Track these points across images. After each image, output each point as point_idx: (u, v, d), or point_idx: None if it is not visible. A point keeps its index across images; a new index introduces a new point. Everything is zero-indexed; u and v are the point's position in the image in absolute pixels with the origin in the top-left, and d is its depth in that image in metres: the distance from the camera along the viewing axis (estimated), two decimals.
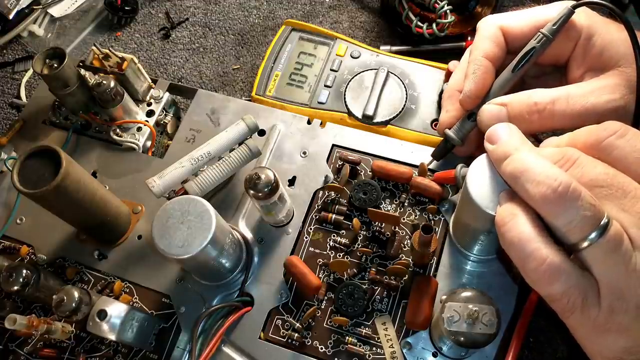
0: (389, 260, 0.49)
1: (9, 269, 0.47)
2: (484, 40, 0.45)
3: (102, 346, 0.49)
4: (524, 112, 0.42)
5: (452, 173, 0.48)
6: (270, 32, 0.77)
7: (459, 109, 0.48)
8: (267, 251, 0.51)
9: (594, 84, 0.42)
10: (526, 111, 0.42)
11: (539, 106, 0.41)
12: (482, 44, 0.45)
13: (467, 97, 0.46)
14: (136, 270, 0.52)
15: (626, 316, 0.29)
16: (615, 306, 0.29)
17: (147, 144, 0.59)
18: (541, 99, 0.41)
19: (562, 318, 0.32)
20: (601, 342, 0.31)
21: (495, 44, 0.45)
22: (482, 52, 0.45)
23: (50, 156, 0.45)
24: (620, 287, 0.29)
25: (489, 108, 0.44)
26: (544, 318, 0.54)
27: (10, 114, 0.77)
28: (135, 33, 0.80)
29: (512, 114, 0.42)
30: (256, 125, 0.53)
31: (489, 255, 0.47)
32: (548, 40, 0.43)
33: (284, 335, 0.48)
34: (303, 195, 0.53)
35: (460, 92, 0.47)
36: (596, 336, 0.31)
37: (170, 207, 0.43)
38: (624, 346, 0.30)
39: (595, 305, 0.30)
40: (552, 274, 0.30)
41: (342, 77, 0.62)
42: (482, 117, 0.44)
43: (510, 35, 0.45)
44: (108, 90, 0.55)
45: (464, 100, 0.46)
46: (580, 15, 0.43)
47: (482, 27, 0.46)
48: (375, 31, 0.75)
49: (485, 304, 0.38)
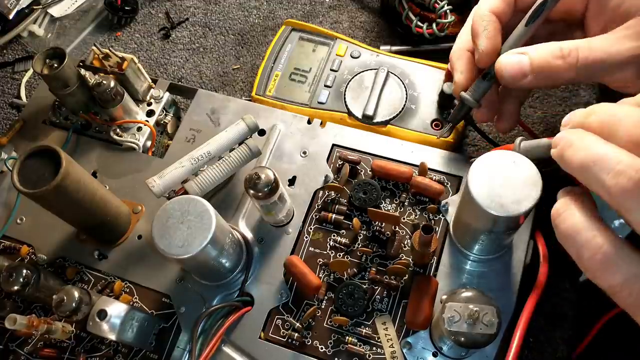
0: (389, 260, 0.49)
1: (9, 269, 0.47)
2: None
3: (102, 346, 0.49)
4: (548, 57, 0.39)
5: (512, 147, 0.44)
6: (270, 32, 0.77)
7: (472, 69, 0.46)
8: (267, 251, 0.51)
9: (615, 33, 0.39)
10: (551, 56, 0.39)
11: (564, 51, 0.39)
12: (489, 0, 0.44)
13: (483, 54, 0.43)
14: (136, 270, 0.52)
15: None
16: None
17: (147, 144, 0.59)
18: (565, 44, 0.39)
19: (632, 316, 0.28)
20: None
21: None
22: (490, 8, 0.43)
23: (50, 156, 0.45)
24: None
25: (508, 58, 0.41)
26: (544, 318, 0.54)
27: (10, 114, 0.77)
28: (135, 33, 0.80)
29: (535, 61, 0.40)
30: (256, 125, 0.53)
31: (489, 255, 0.47)
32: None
33: (284, 335, 0.48)
34: (303, 195, 0.53)
35: (469, 52, 0.45)
36: None
37: (170, 207, 0.43)
38: None
39: None
40: (608, 262, 0.27)
41: (342, 77, 0.62)
42: (502, 67, 0.41)
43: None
44: (108, 90, 0.55)
45: (480, 59, 0.44)
46: None
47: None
48: (375, 31, 0.75)
49: (485, 304, 0.38)
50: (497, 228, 0.40)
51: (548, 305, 0.54)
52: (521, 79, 0.41)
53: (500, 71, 0.41)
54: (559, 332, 0.53)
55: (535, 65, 0.40)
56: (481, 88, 0.46)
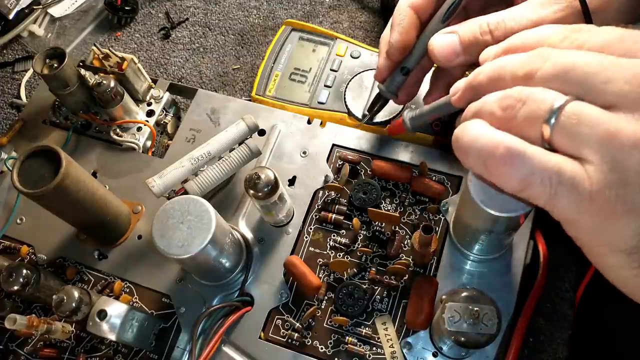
0: (389, 260, 0.49)
1: (9, 269, 0.47)
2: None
3: (102, 346, 0.49)
4: (476, 34, 0.39)
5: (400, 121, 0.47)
6: (270, 32, 0.77)
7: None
8: (267, 251, 0.51)
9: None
10: (479, 32, 0.39)
11: (491, 25, 0.39)
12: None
13: (393, 48, 0.45)
14: (136, 270, 0.52)
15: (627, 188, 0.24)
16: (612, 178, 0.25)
17: (147, 144, 0.59)
18: (491, 19, 0.39)
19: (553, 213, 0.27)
20: (610, 233, 0.26)
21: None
22: (409, 3, 0.44)
23: (50, 156, 0.45)
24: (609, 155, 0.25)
25: (439, 38, 0.41)
26: (544, 318, 0.54)
27: (10, 114, 0.77)
28: (135, 33, 0.80)
29: (464, 38, 0.40)
30: (256, 125, 0.53)
31: (489, 255, 0.47)
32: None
33: (284, 335, 0.48)
34: (303, 195, 0.53)
35: None
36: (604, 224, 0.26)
37: (170, 207, 0.43)
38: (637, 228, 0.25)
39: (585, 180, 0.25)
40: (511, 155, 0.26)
41: (342, 77, 0.62)
42: (434, 48, 0.41)
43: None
44: (108, 90, 0.55)
45: (390, 52, 0.45)
46: None
47: None
48: (375, 31, 0.75)
49: (485, 304, 0.38)
50: (497, 228, 0.40)
51: (548, 305, 0.54)
52: (454, 58, 0.41)
53: (433, 52, 0.41)
54: (559, 332, 0.53)
55: (465, 44, 0.40)
56: (397, 80, 0.47)
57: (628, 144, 0.24)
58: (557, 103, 0.26)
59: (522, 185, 0.27)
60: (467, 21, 0.41)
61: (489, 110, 0.29)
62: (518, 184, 0.27)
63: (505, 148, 0.27)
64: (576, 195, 0.25)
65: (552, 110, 0.26)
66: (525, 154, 0.26)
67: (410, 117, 0.45)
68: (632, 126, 0.24)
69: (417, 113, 0.44)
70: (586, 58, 0.26)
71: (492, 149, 0.27)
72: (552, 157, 0.26)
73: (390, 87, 0.48)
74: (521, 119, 0.27)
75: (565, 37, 0.29)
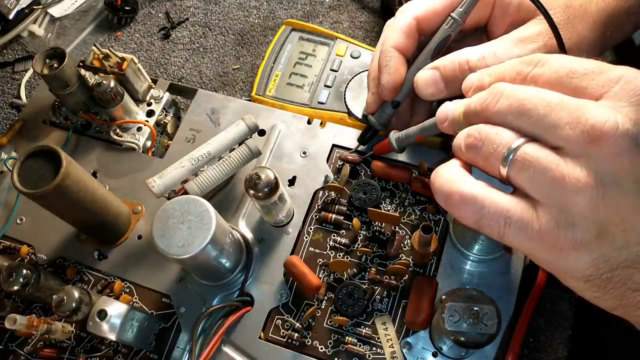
0: (389, 260, 0.49)
1: (9, 269, 0.47)
2: (395, 32, 0.46)
3: (102, 346, 0.49)
4: (456, 71, 0.42)
5: (387, 141, 0.49)
6: (270, 32, 0.77)
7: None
8: (267, 251, 0.51)
9: (517, 33, 0.42)
10: (458, 70, 0.42)
11: (470, 63, 0.42)
12: (394, 35, 0.46)
13: (385, 89, 0.47)
14: (136, 270, 0.52)
15: (575, 229, 0.27)
16: (559, 220, 0.27)
17: (147, 144, 0.59)
18: (471, 56, 0.42)
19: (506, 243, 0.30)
20: (565, 264, 0.29)
21: (407, 35, 0.46)
22: (393, 43, 0.46)
23: (50, 156, 0.45)
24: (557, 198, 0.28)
25: (423, 74, 0.44)
26: (544, 318, 0.54)
27: (10, 114, 0.77)
28: (135, 33, 0.80)
29: (445, 75, 0.43)
30: (256, 125, 0.53)
31: (489, 255, 0.47)
32: (459, 24, 0.44)
33: (284, 335, 0.48)
34: (303, 195, 0.53)
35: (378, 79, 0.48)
36: (557, 258, 0.29)
37: (170, 207, 0.43)
38: (588, 261, 0.28)
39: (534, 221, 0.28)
40: (464, 201, 0.30)
41: (342, 77, 0.62)
42: (418, 84, 0.44)
43: (424, 22, 0.46)
44: (108, 90, 0.55)
45: (382, 92, 0.47)
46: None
47: (397, 17, 0.47)
48: (375, 31, 0.75)
49: (485, 304, 0.38)
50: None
51: (548, 305, 0.54)
52: (439, 94, 0.44)
53: (419, 90, 0.45)
54: (559, 332, 0.53)
55: (446, 79, 0.43)
56: (387, 113, 0.50)
57: (573, 190, 0.27)
58: (514, 144, 0.29)
59: (476, 224, 0.30)
60: (448, 57, 0.43)
61: (459, 147, 0.33)
62: (473, 223, 0.31)
63: (459, 195, 0.31)
64: (524, 234, 0.29)
65: (509, 151, 0.29)
66: (476, 199, 0.30)
67: (396, 137, 0.47)
68: (577, 173, 0.27)
69: (404, 134, 0.46)
70: (537, 97, 0.29)
71: (450, 195, 0.31)
72: (502, 200, 0.30)
73: (381, 119, 0.50)
74: (482, 158, 0.31)
75: (519, 73, 0.31)
